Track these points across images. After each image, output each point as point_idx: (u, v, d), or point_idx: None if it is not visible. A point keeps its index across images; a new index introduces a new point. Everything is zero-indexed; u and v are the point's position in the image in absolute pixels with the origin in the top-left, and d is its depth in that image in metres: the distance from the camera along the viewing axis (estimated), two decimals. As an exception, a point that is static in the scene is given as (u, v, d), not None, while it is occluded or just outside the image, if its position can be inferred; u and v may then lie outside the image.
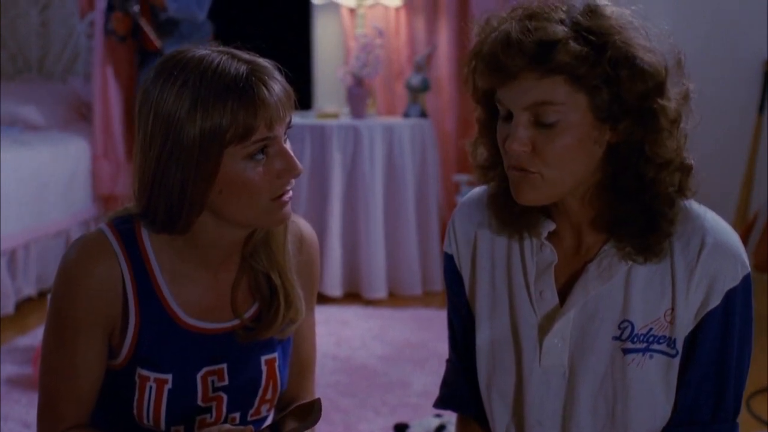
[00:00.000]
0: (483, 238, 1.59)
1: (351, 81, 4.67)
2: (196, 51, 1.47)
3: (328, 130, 4.52)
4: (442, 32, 5.00)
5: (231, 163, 1.43)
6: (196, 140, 1.41)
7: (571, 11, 1.44)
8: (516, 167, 1.43)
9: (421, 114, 4.77)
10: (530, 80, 1.39)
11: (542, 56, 1.37)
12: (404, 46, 5.04)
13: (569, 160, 1.41)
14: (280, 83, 1.46)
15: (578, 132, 1.40)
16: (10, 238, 4.24)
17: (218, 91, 1.41)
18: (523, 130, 1.40)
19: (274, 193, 1.46)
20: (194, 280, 1.55)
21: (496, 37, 1.40)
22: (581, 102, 1.39)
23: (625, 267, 1.47)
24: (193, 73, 1.43)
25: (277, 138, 1.45)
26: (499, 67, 1.39)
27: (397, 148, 4.57)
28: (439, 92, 4.98)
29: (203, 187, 1.43)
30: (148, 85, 1.47)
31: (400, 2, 4.88)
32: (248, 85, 1.41)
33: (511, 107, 1.41)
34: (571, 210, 1.49)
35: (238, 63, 1.44)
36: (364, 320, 4.18)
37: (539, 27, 1.38)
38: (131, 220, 1.53)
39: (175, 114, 1.41)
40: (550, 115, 1.39)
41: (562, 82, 1.38)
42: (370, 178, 4.51)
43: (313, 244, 1.68)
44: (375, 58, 4.65)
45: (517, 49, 1.37)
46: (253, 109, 1.41)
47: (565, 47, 1.37)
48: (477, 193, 1.63)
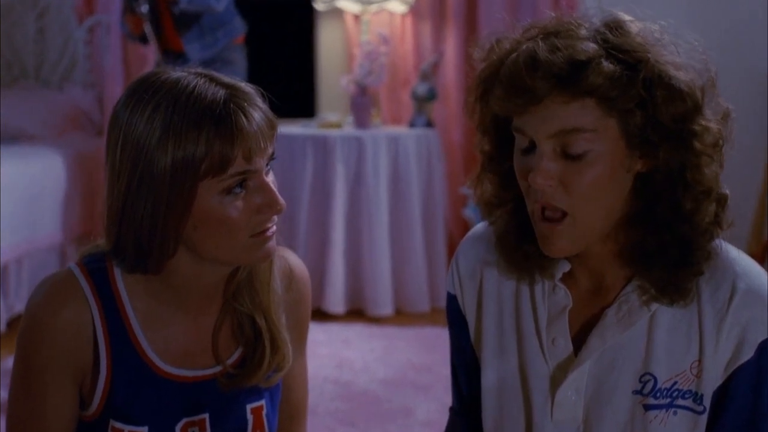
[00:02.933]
0: (489, 278, 1.46)
1: (355, 89, 4.55)
2: (172, 73, 1.36)
3: (330, 141, 4.41)
4: (449, 39, 4.88)
5: (206, 197, 1.32)
6: (168, 171, 1.30)
7: (593, 28, 1.31)
8: (542, 205, 1.30)
9: (427, 124, 4.65)
10: (557, 104, 1.26)
11: (572, 77, 1.25)
12: (410, 54, 4.92)
13: (601, 192, 1.29)
14: (261, 111, 1.34)
15: (609, 161, 1.28)
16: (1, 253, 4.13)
17: (192, 118, 1.30)
18: (548, 162, 1.28)
19: (254, 229, 1.35)
20: (172, 324, 1.43)
21: (517, 58, 1.28)
22: (612, 128, 1.27)
23: (647, 313, 1.35)
24: (165, 97, 1.32)
25: (257, 171, 1.33)
26: (522, 91, 1.27)
27: (403, 160, 4.46)
28: (446, 101, 4.86)
29: (175, 223, 1.32)
30: (118, 108, 1.36)
31: (405, 8, 4.76)
32: (226, 112, 1.30)
33: (534, 136, 1.29)
34: (592, 250, 1.36)
35: (216, 87, 1.33)
36: (367, 340, 4.06)
37: (568, 45, 1.26)
38: (103, 258, 1.42)
39: (144, 141, 1.30)
40: (579, 144, 1.27)
41: (593, 106, 1.26)
42: (374, 190, 4.40)
43: (303, 279, 1.55)
44: (379, 65, 4.54)
45: (545, 69, 1.25)
46: (230, 139, 1.30)
47: (598, 67, 1.24)
48: (482, 229, 1.50)
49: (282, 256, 1.52)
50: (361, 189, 4.41)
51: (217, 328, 1.46)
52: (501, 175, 1.39)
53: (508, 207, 1.41)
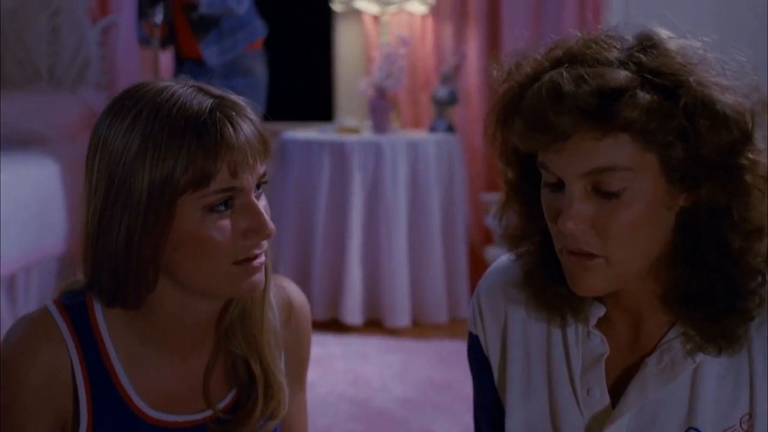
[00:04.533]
0: (515, 319, 1.32)
1: (373, 93, 4.43)
2: (158, 83, 1.24)
3: (348, 147, 4.29)
4: (470, 41, 4.74)
5: (187, 213, 1.20)
6: (145, 186, 1.18)
7: (625, 47, 1.17)
8: (572, 250, 1.16)
9: (447, 128, 4.52)
10: (587, 141, 1.12)
11: (604, 111, 1.11)
12: (430, 56, 4.78)
13: (639, 234, 1.15)
14: (252, 124, 1.22)
15: (648, 199, 1.14)
16: (8, 262, 4.03)
17: (173, 128, 1.18)
18: (580, 204, 1.14)
19: (238, 255, 1.22)
20: (159, 365, 1.31)
21: (540, 90, 1.14)
22: (651, 163, 1.13)
23: (692, 365, 1.21)
24: (147, 106, 1.20)
25: (244, 189, 1.21)
26: (546, 127, 1.13)
27: (422, 166, 4.33)
28: (467, 105, 4.72)
29: (153, 242, 1.20)
30: (99, 120, 1.24)
31: (425, 9, 4.62)
32: (211, 121, 1.19)
33: (562, 175, 1.15)
34: (630, 290, 1.22)
35: (203, 96, 1.22)
36: (385, 354, 3.93)
37: (597, 73, 1.12)
38: (83, 294, 1.30)
39: (122, 154, 1.19)
40: (614, 182, 1.13)
41: (628, 141, 1.12)
42: (392, 197, 4.28)
43: (304, 313, 1.42)
44: (399, 68, 4.40)
45: (571, 103, 1.11)
46: (213, 150, 1.18)
47: (632, 99, 1.10)
48: (506, 263, 1.35)
49: (280, 286, 1.40)
50: (379, 196, 4.29)
51: (209, 370, 1.33)
52: (527, 205, 1.25)
53: (536, 240, 1.27)
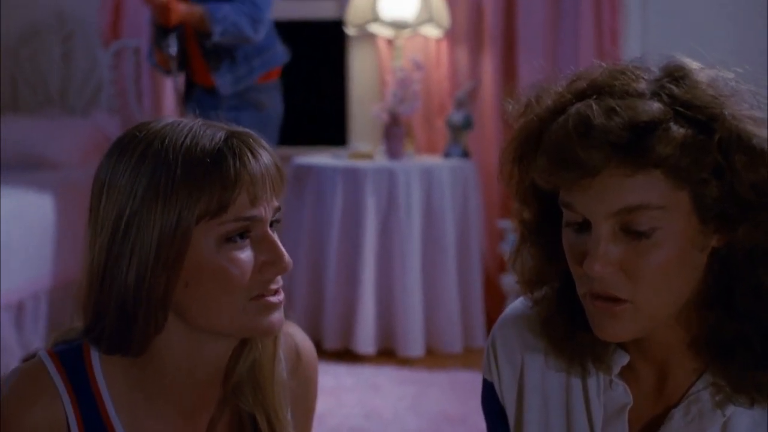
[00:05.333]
0: (532, 366, 1.24)
1: (387, 118, 4.36)
2: (163, 120, 1.19)
3: (361, 173, 4.22)
4: (486, 65, 4.67)
5: (202, 243, 1.13)
6: (157, 219, 1.12)
7: (653, 78, 1.09)
8: (599, 295, 1.08)
9: (462, 154, 4.45)
10: (617, 178, 1.05)
11: (635, 146, 1.04)
12: (445, 80, 4.71)
13: (670, 277, 1.08)
14: (269, 154, 1.17)
15: (680, 240, 1.07)
16: (17, 290, 3.98)
17: (187, 158, 1.13)
18: (608, 245, 1.07)
19: (253, 290, 1.15)
20: (159, 420, 1.22)
21: (566, 123, 1.07)
22: (683, 201, 1.06)
23: (721, 419, 1.12)
24: (154, 143, 1.14)
25: (261, 220, 1.15)
26: (573, 164, 1.05)
27: (437, 192, 4.26)
28: (482, 130, 4.65)
29: (165, 279, 1.13)
30: (103, 159, 1.19)
31: (440, 33, 4.56)
32: (228, 148, 1.13)
33: (588, 215, 1.07)
34: (656, 337, 1.14)
35: (214, 129, 1.16)
36: (398, 385, 3.85)
37: (628, 105, 1.05)
38: (79, 343, 1.22)
39: (130, 190, 1.13)
40: (645, 221, 1.06)
41: (661, 178, 1.05)
42: (406, 224, 4.20)
43: (311, 362, 1.35)
44: (413, 93, 4.34)
45: (602, 137, 1.04)
46: (232, 177, 1.12)
47: (666, 133, 1.03)
48: (521, 308, 1.27)
49: (287, 333, 1.32)
50: (393, 223, 4.22)
51: (213, 426, 1.25)
52: (545, 247, 1.18)
53: (554, 285, 1.19)
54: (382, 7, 4.41)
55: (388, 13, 4.41)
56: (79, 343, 1.22)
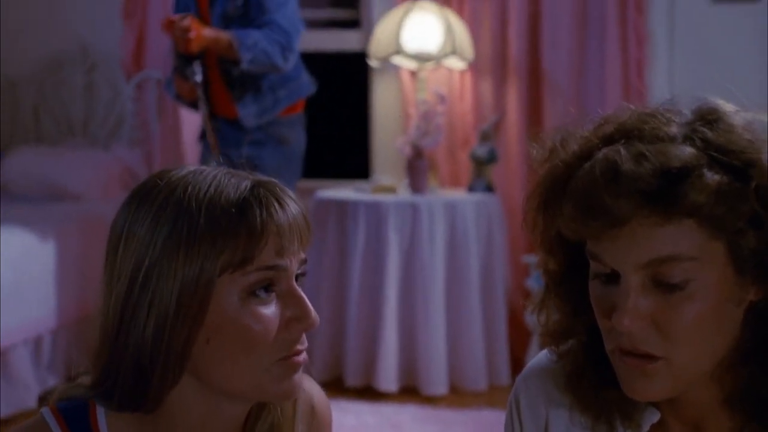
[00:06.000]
0: (557, 423, 1.18)
1: (410, 152, 4.31)
2: (185, 168, 1.13)
3: (384, 207, 4.17)
4: (511, 97, 4.61)
5: (224, 297, 1.07)
6: (178, 271, 1.07)
7: (685, 121, 1.03)
8: (628, 351, 1.02)
9: (487, 188, 4.38)
10: (648, 227, 1.00)
11: (667, 193, 0.98)
12: (469, 112, 4.65)
13: (705, 332, 1.02)
14: (296, 203, 1.11)
15: (715, 293, 1.01)
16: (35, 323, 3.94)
17: (211, 207, 1.07)
18: (638, 298, 1.01)
19: (279, 350, 1.09)
20: None
21: (592, 169, 1.01)
22: (718, 252, 1.01)
23: None
24: (176, 191, 1.09)
25: (287, 270, 1.09)
26: (600, 212, 1.00)
27: (460, 227, 4.20)
28: (507, 163, 4.58)
29: (185, 334, 1.07)
30: (121, 208, 1.13)
31: (464, 65, 4.50)
32: (254, 198, 1.08)
33: (617, 266, 1.02)
34: (688, 394, 1.07)
35: (239, 178, 1.10)
36: (421, 424, 3.78)
37: (659, 151, 0.99)
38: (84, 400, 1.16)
39: (150, 240, 1.08)
40: (677, 273, 1.00)
41: (694, 227, 1.00)
42: (429, 260, 4.14)
43: (326, 420, 1.28)
44: (436, 126, 4.29)
45: (631, 184, 0.99)
46: (258, 227, 1.07)
47: (699, 180, 0.98)
48: (545, 362, 1.21)
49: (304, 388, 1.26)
50: (416, 258, 4.16)
51: None
52: (571, 300, 1.12)
53: (581, 338, 1.13)
54: (405, 40, 4.36)
55: (411, 45, 4.37)
56: (85, 400, 1.15)
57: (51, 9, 5.18)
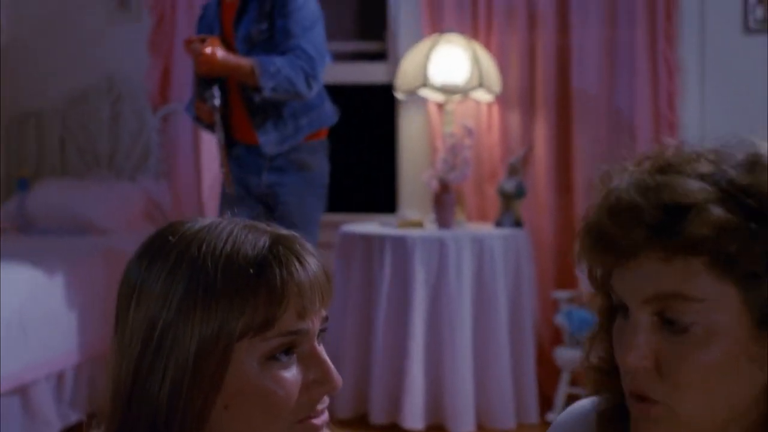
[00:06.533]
0: None
1: (437, 186, 4.25)
2: (198, 221, 1.08)
3: (410, 241, 4.10)
4: (539, 129, 4.55)
5: (243, 361, 1.02)
6: (195, 335, 1.02)
7: (722, 162, 0.98)
8: (633, 392, 0.98)
9: (515, 223, 4.32)
10: (653, 262, 0.96)
11: (669, 227, 0.95)
12: (496, 146, 4.59)
13: (713, 385, 0.96)
14: (316, 259, 1.06)
15: (727, 343, 0.95)
16: (57, 358, 3.90)
17: (228, 268, 1.02)
18: (643, 335, 0.97)
19: (300, 412, 1.04)
20: None
21: (603, 200, 1.00)
22: (730, 297, 0.95)
23: None
24: (191, 245, 1.04)
25: (309, 333, 1.05)
26: (609, 244, 0.98)
27: (488, 263, 4.12)
28: (535, 197, 4.51)
29: (201, 400, 1.02)
30: (132, 262, 1.09)
31: (491, 97, 4.45)
32: (273, 257, 1.03)
33: (626, 299, 0.98)
34: None
35: (256, 234, 1.05)
36: (448, 465, 3.69)
37: (667, 183, 0.96)
38: None
39: (165, 300, 1.03)
40: (683, 314, 0.95)
41: (701, 267, 0.94)
42: (456, 295, 4.07)
43: None
44: (463, 160, 4.23)
45: (634, 216, 0.96)
46: (279, 290, 1.02)
47: (702, 214, 0.93)
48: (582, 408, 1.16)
49: None
50: (443, 294, 4.08)
51: None
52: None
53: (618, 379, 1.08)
54: (432, 72, 4.32)
55: (438, 77, 4.32)
56: None
57: (77, 41, 5.18)
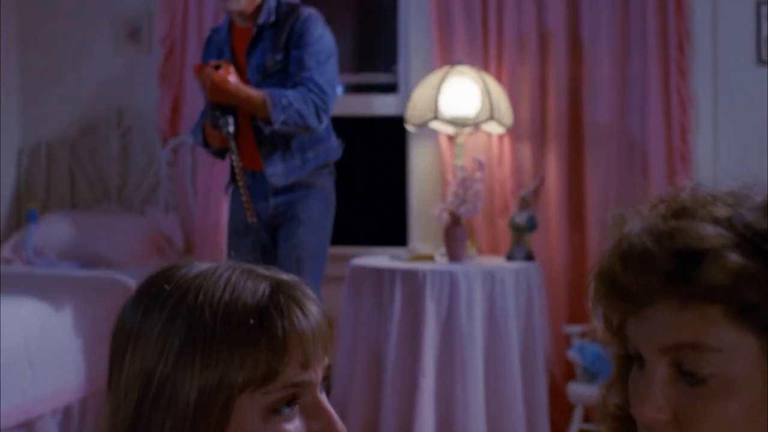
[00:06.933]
0: None
1: (448, 219, 4.21)
2: (195, 266, 1.04)
3: (421, 275, 4.05)
4: (551, 162, 4.51)
5: (245, 416, 0.99)
6: (194, 389, 0.98)
7: (740, 205, 0.94)
8: None
9: (526, 256, 4.27)
10: (669, 310, 0.92)
11: (684, 274, 0.90)
12: (508, 178, 4.56)
13: None
14: (317, 305, 1.03)
15: (746, 396, 0.91)
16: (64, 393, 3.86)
17: (227, 318, 0.99)
18: (659, 386, 0.93)
19: None
20: None
21: (616, 246, 0.96)
22: (750, 347, 0.91)
23: None
24: (188, 293, 1.01)
25: (312, 384, 1.01)
26: (622, 292, 0.94)
27: (499, 297, 4.07)
28: (547, 231, 4.47)
29: None
30: (127, 309, 1.05)
31: (503, 129, 4.42)
32: (273, 306, 1.00)
33: (640, 348, 0.95)
34: None
35: (256, 280, 1.02)
36: (459, 503, 3.63)
37: (680, 228, 0.92)
38: None
39: (161, 351, 1.00)
40: (701, 365, 0.91)
41: (719, 315, 0.90)
42: (467, 330, 4.02)
43: None
44: (474, 194, 4.18)
45: (646, 263, 0.92)
46: (281, 342, 0.99)
47: (718, 260, 0.89)
48: None
49: None
50: (454, 329, 4.03)
51: None
52: None
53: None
54: (443, 104, 4.29)
55: (449, 110, 4.29)
56: None
57: (87, 72, 5.18)
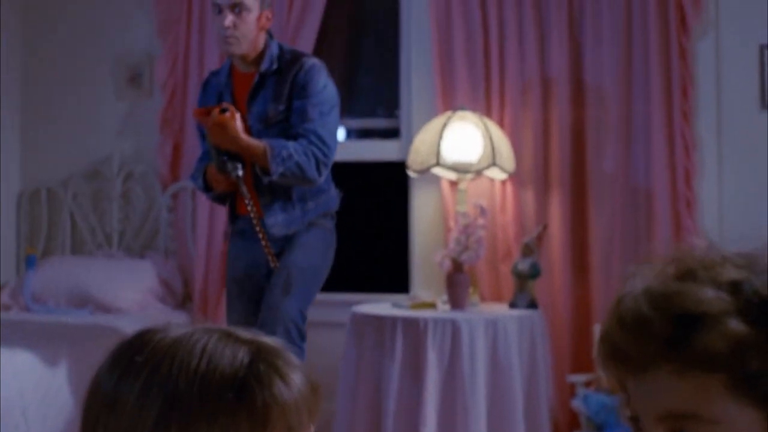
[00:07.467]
0: None
1: (450, 266, 4.16)
2: (170, 330, 1.01)
3: (422, 323, 4.00)
4: (554, 208, 4.47)
5: None
6: None
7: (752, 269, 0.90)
8: None
9: (530, 304, 4.21)
10: (667, 377, 0.89)
11: (681, 339, 0.87)
12: (511, 224, 4.51)
13: None
14: (300, 371, 0.98)
15: None
16: None
17: (204, 388, 0.94)
18: None
19: None
20: None
21: (615, 309, 0.94)
22: (751, 420, 0.87)
23: None
24: (164, 361, 0.96)
25: None
26: (620, 356, 0.92)
27: (502, 345, 4.02)
28: (550, 278, 4.41)
29: None
30: (101, 375, 1.00)
31: (505, 175, 4.38)
32: (253, 376, 0.95)
33: (639, 413, 0.92)
34: None
35: (234, 344, 0.97)
36: None
37: (680, 291, 0.88)
38: None
39: (137, 421, 0.95)
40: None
41: (719, 386, 0.87)
42: (470, 378, 3.96)
43: None
44: (477, 240, 4.14)
45: (641, 327, 0.90)
46: (261, 415, 0.94)
47: (717, 328, 0.86)
48: None
49: None
50: (456, 377, 3.97)
51: None
52: None
53: None
54: (445, 150, 4.26)
55: (451, 155, 4.26)
56: None
57: (88, 117, 5.18)
